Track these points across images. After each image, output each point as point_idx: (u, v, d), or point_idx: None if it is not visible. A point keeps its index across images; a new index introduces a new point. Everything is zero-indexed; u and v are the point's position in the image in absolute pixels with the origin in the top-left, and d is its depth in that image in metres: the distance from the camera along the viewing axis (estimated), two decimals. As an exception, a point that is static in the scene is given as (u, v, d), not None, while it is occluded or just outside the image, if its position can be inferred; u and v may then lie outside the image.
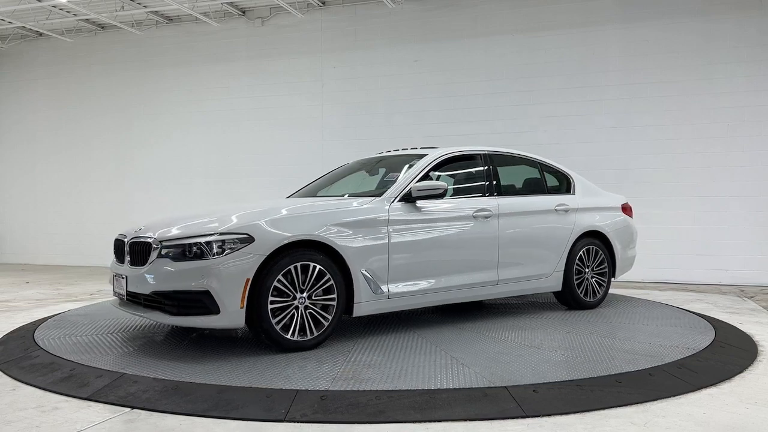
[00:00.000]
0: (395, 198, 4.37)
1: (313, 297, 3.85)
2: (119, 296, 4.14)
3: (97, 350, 3.90)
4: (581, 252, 5.39)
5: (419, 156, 4.90)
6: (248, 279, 3.62)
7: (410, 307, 4.45)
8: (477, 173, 5.07)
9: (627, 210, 6.01)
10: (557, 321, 4.91)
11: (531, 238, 5.09)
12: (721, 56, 8.02)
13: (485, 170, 5.05)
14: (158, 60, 10.73)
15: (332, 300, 3.91)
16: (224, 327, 3.75)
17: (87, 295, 6.98)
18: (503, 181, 5.15)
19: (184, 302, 3.65)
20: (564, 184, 5.71)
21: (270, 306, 3.68)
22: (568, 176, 5.75)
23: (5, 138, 11.78)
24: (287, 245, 3.77)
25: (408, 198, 4.40)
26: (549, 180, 5.62)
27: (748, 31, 7.94)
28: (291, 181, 7.72)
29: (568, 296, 5.37)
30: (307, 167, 8.98)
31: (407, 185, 4.45)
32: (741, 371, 3.56)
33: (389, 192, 4.41)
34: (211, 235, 3.71)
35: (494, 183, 5.02)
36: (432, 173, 4.71)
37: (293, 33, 9.93)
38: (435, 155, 4.85)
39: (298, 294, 3.79)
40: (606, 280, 5.61)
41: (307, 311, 3.83)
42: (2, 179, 11.83)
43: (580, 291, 5.39)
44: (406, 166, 4.80)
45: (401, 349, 3.91)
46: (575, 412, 2.82)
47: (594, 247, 5.49)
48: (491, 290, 4.86)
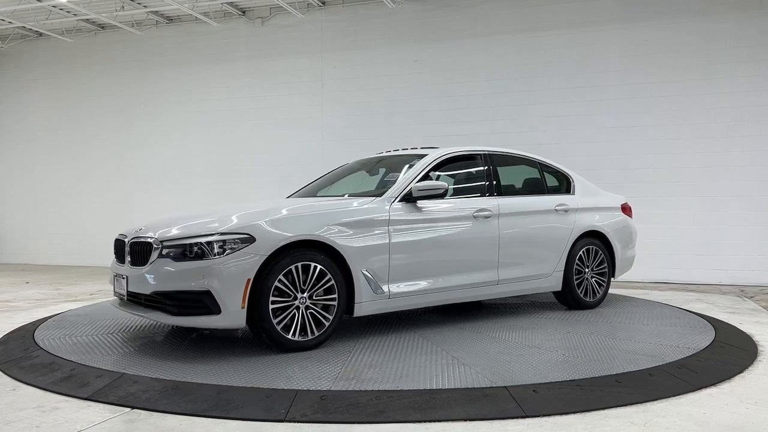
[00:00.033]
0: (396, 198, 4.37)
1: (314, 297, 3.85)
2: (120, 296, 4.14)
3: (97, 350, 3.90)
4: (581, 252, 5.39)
5: (419, 156, 4.90)
6: (249, 279, 3.62)
7: (411, 307, 4.45)
8: (477, 173, 5.07)
9: (626, 210, 6.01)
10: (557, 321, 4.91)
11: (531, 238, 5.09)
12: (721, 56, 8.02)
13: (485, 170, 5.05)
14: (158, 60, 10.72)
15: (333, 300, 3.91)
16: (225, 327, 3.75)
17: (87, 295, 6.98)
18: (503, 181, 5.15)
19: (185, 302, 3.66)
20: (564, 184, 5.71)
21: (271, 306, 3.68)
22: (568, 176, 5.75)
23: (5, 138, 11.78)
24: (288, 245, 3.77)
25: (408, 198, 4.40)
26: (549, 180, 5.62)
27: (748, 31, 7.94)
28: (291, 181, 7.72)
29: (568, 296, 5.38)
30: (307, 167, 8.98)
31: (408, 185, 4.46)
32: (741, 371, 3.56)
33: (390, 192, 4.41)
34: (212, 235, 3.71)
35: (494, 183, 5.03)
36: (432, 173, 4.71)
37: (293, 33, 9.93)
38: (435, 155, 4.85)
39: (299, 294, 3.79)
40: (606, 280, 5.62)
41: (308, 311, 3.83)
42: (2, 179, 11.83)
43: (580, 291, 5.40)
44: (407, 166, 4.80)
45: (402, 349, 3.91)
46: (575, 412, 2.82)
47: (594, 247, 5.49)
48: (491, 290, 4.87)
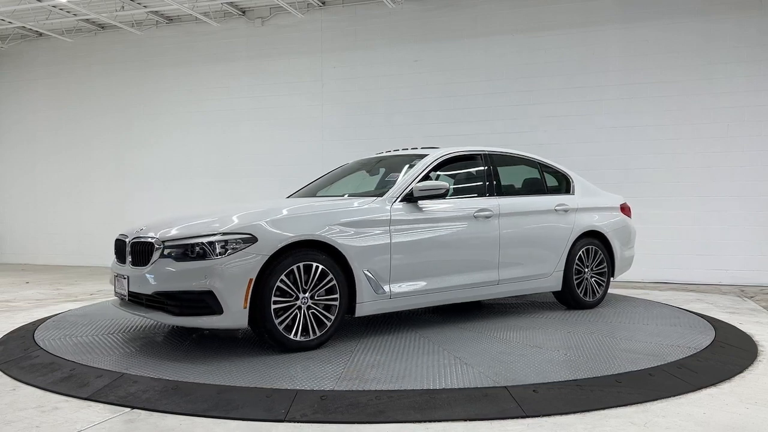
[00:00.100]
0: (397, 198, 4.37)
1: (316, 297, 3.84)
2: (120, 296, 4.13)
3: (97, 350, 3.89)
4: (581, 252, 5.39)
5: (420, 156, 4.90)
6: (251, 279, 3.62)
7: (412, 307, 4.45)
8: (477, 173, 5.07)
9: (626, 210, 6.02)
10: (557, 321, 4.91)
11: (531, 238, 5.10)
12: (721, 56, 8.02)
13: (486, 170, 5.05)
14: (158, 60, 10.72)
15: (335, 300, 3.91)
16: (227, 327, 3.75)
17: (87, 295, 6.98)
18: (503, 181, 5.15)
19: (187, 302, 3.65)
20: (563, 184, 5.71)
21: (273, 306, 3.67)
22: (568, 176, 5.75)
23: (5, 138, 11.78)
24: (289, 245, 3.77)
25: (409, 198, 4.40)
26: (549, 180, 5.62)
27: (748, 31, 7.94)
28: (291, 181, 7.72)
29: (568, 296, 5.38)
30: (307, 167, 8.98)
31: (409, 185, 4.45)
32: (741, 371, 3.56)
33: (391, 192, 4.41)
34: (214, 235, 3.70)
35: (495, 183, 5.03)
36: (432, 173, 4.71)
37: (293, 33, 9.93)
38: (436, 155, 4.85)
39: (301, 294, 3.79)
40: (605, 280, 5.62)
41: (310, 311, 3.83)
42: (2, 179, 11.83)
43: (580, 291, 5.40)
44: (407, 166, 4.80)
45: (404, 349, 3.91)
46: (575, 412, 2.82)
47: (593, 247, 5.50)
48: (492, 290, 4.87)
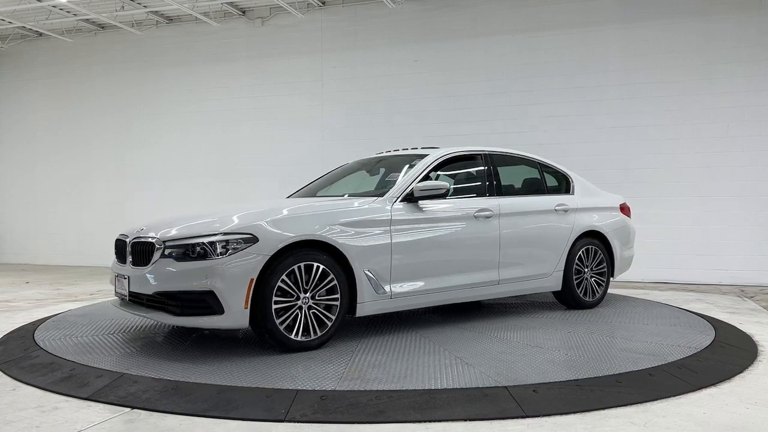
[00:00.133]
0: (397, 198, 4.37)
1: (317, 297, 3.84)
2: (121, 296, 4.13)
3: (97, 350, 3.89)
4: (580, 252, 5.40)
5: (420, 156, 4.90)
6: (252, 279, 3.61)
7: (412, 307, 4.45)
8: (478, 173, 5.07)
9: (625, 210, 6.02)
10: (557, 321, 4.91)
11: (531, 238, 5.10)
12: (721, 56, 8.02)
13: (486, 170, 5.05)
14: (158, 60, 10.72)
15: (335, 300, 3.91)
16: (228, 327, 3.75)
17: (87, 295, 6.98)
18: (503, 181, 5.16)
19: (188, 302, 3.65)
20: (563, 184, 5.71)
21: (274, 306, 3.67)
22: (568, 176, 5.75)
23: (5, 138, 11.78)
24: (290, 245, 3.76)
25: (410, 198, 4.40)
26: (548, 180, 5.62)
27: (748, 31, 7.94)
28: (291, 181, 7.72)
29: (568, 296, 5.38)
30: (307, 167, 8.98)
31: (409, 185, 4.45)
32: (741, 371, 3.56)
33: (391, 192, 4.41)
34: (215, 235, 3.70)
35: (495, 183, 5.02)
36: (432, 173, 4.71)
37: (293, 33, 9.93)
38: (436, 155, 4.84)
39: (302, 294, 3.78)
40: (605, 280, 5.62)
41: (311, 311, 3.83)
42: (2, 179, 11.83)
43: (580, 291, 5.40)
44: (407, 166, 4.80)
45: (405, 349, 3.91)
46: (575, 412, 2.82)
47: (593, 247, 5.50)
48: (492, 290, 4.87)
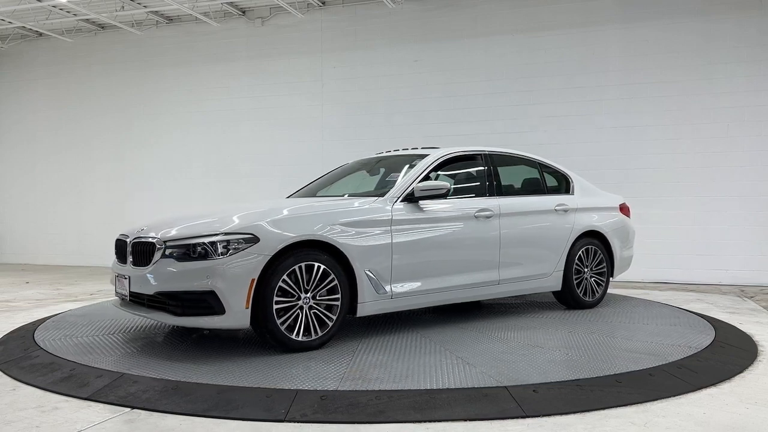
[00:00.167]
0: (398, 198, 4.37)
1: (318, 297, 3.84)
2: (122, 296, 4.13)
3: (97, 350, 3.89)
4: (580, 252, 5.40)
5: (420, 156, 4.90)
6: (253, 279, 3.61)
7: (413, 307, 4.44)
8: (478, 173, 5.07)
9: (625, 210, 6.02)
10: (558, 321, 4.91)
11: (531, 238, 5.10)
12: (721, 56, 8.03)
13: (486, 170, 5.05)
14: (158, 60, 10.72)
15: (336, 300, 3.90)
16: (229, 327, 3.75)
17: (87, 295, 6.98)
18: (504, 181, 5.16)
19: (189, 302, 3.64)
20: (563, 185, 5.72)
21: (275, 306, 3.67)
22: (567, 176, 5.75)
23: (5, 138, 11.78)
24: (291, 245, 3.76)
25: (411, 198, 4.40)
26: (548, 180, 5.63)
27: (748, 31, 7.94)
28: (291, 181, 7.72)
29: (568, 296, 5.38)
30: (307, 167, 8.97)
31: (410, 185, 4.45)
32: (741, 371, 3.56)
33: (392, 192, 4.41)
34: (216, 235, 3.69)
35: (495, 183, 5.02)
36: (432, 173, 4.71)
37: (293, 33, 9.93)
38: (437, 155, 4.84)
39: (303, 294, 3.78)
40: (605, 280, 5.62)
41: (312, 311, 3.82)
42: (2, 179, 11.83)
43: (580, 291, 5.40)
44: (407, 166, 4.80)
45: (406, 349, 3.90)
46: (575, 412, 2.82)
47: (593, 247, 5.50)
48: (492, 290, 4.87)
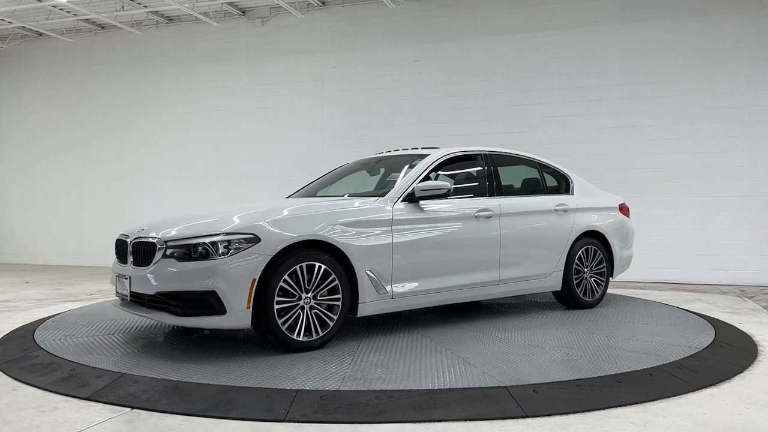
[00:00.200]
0: (399, 198, 4.37)
1: (318, 297, 3.84)
2: (122, 297, 4.13)
3: (97, 350, 3.89)
4: (580, 252, 5.40)
5: (420, 156, 4.90)
6: (255, 279, 3.60)
7: (414, 307, 4.44)
8: (478, 173, 5.07)
9: (624, 210, 6.02)
10: (558, 320, 4.91)
11: (532, 238, 5.10)
12: (721, 56, 8.03)
13: (486, 170, 5.04)
14: (158, 60, 10.73)
15: (337, 300, 3.90)
16: (231, 327, 3.75)
17: (87, 295, 6.98)
18: (504, 181, 5.16)
19: (190, 303, 3.64)
20: (563, 185, 5.72)
21: (276, 306, 3.66)
22: (567, 176, 5.75)
23: (5, 138, 11.78)
24: (292, 245, 3.76)
25: (411, 198, 4.40)
26: (548, 180, 5.63)
27: (748, 31, 7.94)
28: (291, 181, 7.73)
29: (568, 296, 5.38)
30: (307, 167, 8.98)
31: (410, 185, 4.45)
32: (741, 371, 3.56)
33: (392, 192, 4.41)
34: (217, 235, 3.69)
35: (495, 183, 5.02)
36: (432, 173, 4.70)
37: (293, 33, 9.93)
38: (437, 155, 4.84)
39: (304, 294, 3.78)
40: (604, 280, 5.62)
41: (312, 311, 3.82)
42: (2, 179, 11.83)
43: (580, 290, 5.40)
44: (407, 166, 4.80)
45: (407, 349, 3.90)
46: (575, 412, 2.82)
47: (593, 247, 5.50)
48: (493, 290, 4.87)
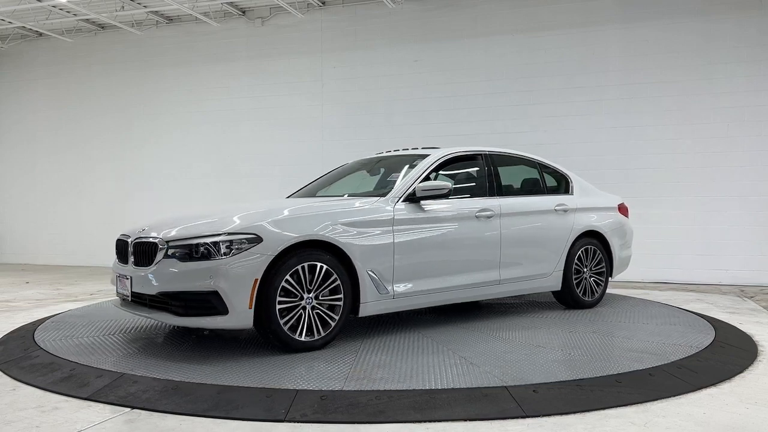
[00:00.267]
0: (399, 198, 4.36)
1: (320, 297, 3.84)
2: (123, 297, 4.12)
3: (97, 350, 3.89)
4: (580, 252, 5.40)
5: (421, 156, 4.90)
6: (257, 279, 3.60)
7: (415, 307, 4.44)
8: (478, 173, 5.07)
9: (623, 210, 6.03)
10: (558, 320, 4.92)
11: (532, 238, 5.10)
12: (721, 56, 8.02)
13: (487, 170, 5.04)
14: (158, 60, 10.72)
15: (339, 300, 3.90)
16: (232, 328, 3.75)
17: (87, 295, 6.98)
18: (504, 182, 5.16)
19: (192, 303, 3.64)
20: (562, 185, 5.72)
21: (278, 306, 3.66)
22: (567, 176, 5.76)
23: (5, 138, 11.78)
24: (294, 245, 3.76)
25: (412, 198, 4.39)
26: (548, 180, 5.63)
27: (748, 31, 7.94)
28: (291, 181, 7.72)
29: (567, 296, 5.38)
30: (307, 167, 8.97)
31: (411, 185, 4.45)
32: (741, 371, 3.56)
33: (393, 192, 4.41)
34: (219, 235, 3.69)
35: (496, 183, 5.03)
36: (432, 173, 4.70)
37: (293, 33, 9.93)
38: (437, 155, 4.84)
39: (306, 294, 3.78)
40: (604, 280, 5.63)
41: (314, 311, 3.82)
42: (2, 179, 11.83)
43: (579, 290, 5.40)
44: (407, 166, 4.80)
45: (409, 349, 3.90)
46: (575, 412, 2.82)
47: (592, 247, 5.50)
48: (493, 290, 4.87)
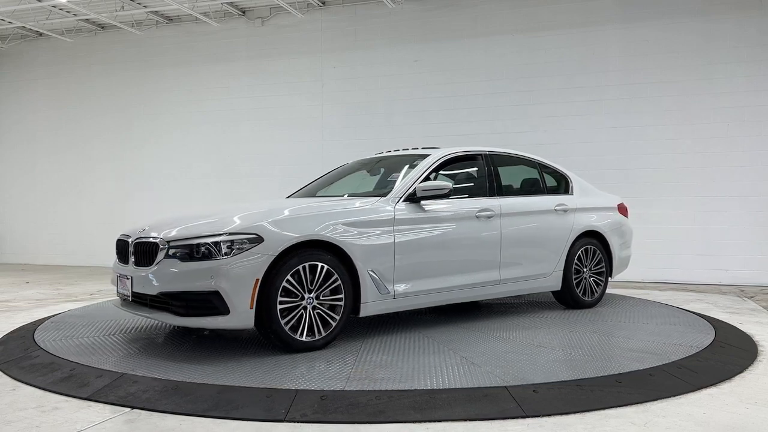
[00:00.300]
0: (400, 198, 4.36)
1: (321, 297, 3.84)
2: (123, 297, 4.12)
3: (98, 350, 3.89)
4: (580, 252, 5.40)
5: (421, 156, 4.90)
6: (258, 279, 3.60)
7: (415, 307, 4.44)
8: (479, 173, 5.07)
9: (622, 210, 6.03)
10: (558, 320, 4.92)
11: (532, 238, 5.10)
12: (721, 56, 8.03)
13: (487, 170, 5.04)
14: (158, 60, 10.73)
15: (340, 300, 3.90)
16: (234, 328, 3.75)
17: (87, 295, 6.98)
18: (504, 182, 5.16)
19: (193, 303, 3.64)
20: (562, 185, 5.72)
21: (279, 306, 3.66)
22: (567, 176, 5.76)
23: (5, 138, 11.78)
24: (295, 245, 3.76)
25: (413, 198, 4.39)
26: (548, 180, 5.63)
27: (748, 31, 7.94)
28: (291, 181, 7.72)
29: (567, 296, 5.39)
30: (307, 167, 8.97)
31: (412, 185, 4.45)
32: (741, 371, 3.56)
33: (394, 192, 4.41)
34: (220, 235, 3.69)
35: (496, 183, 5.03)
36: (432, 174, 4.70)
37: (293, 33, 9.93)
38: (438, 155, 4.84)
39: (306, 294, 3.78)
40: (603, 280, 5.63)
41: (315, 311, 3.82)
42: (2, 179, 11.83)
43: (579, 290, 5.40)
44: (407, 166, 4.80)
45: (410, 349, 3.90)
46: (575, 412, 2.82)
47: (592, 247, 5.51)
48: (493, 290, 4.87)
